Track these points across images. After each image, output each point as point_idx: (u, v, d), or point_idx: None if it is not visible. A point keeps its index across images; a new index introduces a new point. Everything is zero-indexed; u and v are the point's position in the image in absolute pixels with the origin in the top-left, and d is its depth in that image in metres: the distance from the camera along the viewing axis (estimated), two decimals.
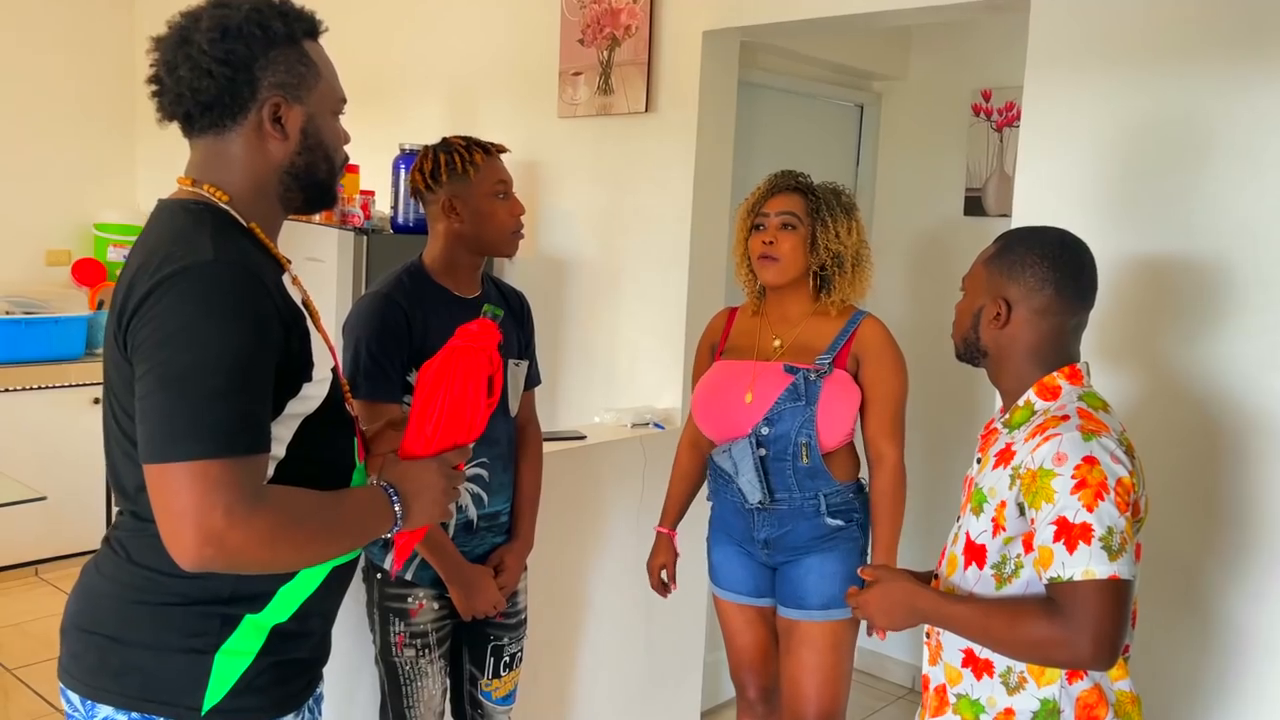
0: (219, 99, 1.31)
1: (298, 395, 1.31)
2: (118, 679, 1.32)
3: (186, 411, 1.17)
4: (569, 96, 3.22)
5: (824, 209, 2.27)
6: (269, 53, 1.32)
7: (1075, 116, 2.28)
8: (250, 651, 1.35)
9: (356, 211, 3.18)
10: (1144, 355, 2.23)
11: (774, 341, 2.32)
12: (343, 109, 1.45)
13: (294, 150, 1.37)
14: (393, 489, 1.37)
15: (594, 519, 2.81)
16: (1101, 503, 1.39)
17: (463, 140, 2.11)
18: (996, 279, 1.59)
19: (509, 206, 2.10)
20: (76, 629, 1.38)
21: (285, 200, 1.41)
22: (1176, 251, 2.17)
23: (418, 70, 3.76)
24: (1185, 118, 2.15)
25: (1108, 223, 2.24)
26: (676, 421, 3.03)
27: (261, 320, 1.24)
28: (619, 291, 3.21)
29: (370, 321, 2.02)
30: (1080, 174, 2.29)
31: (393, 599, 2.10)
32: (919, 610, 1.57)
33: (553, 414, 3.34)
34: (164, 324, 1.19)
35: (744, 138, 3.33)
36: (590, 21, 3.15)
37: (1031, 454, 1.47)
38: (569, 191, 3.32)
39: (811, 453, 2.22)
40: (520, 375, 2.23)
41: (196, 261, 1.22)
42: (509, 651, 2.26)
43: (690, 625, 3.18)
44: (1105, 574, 1.38)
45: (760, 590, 2.37)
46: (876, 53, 3.63)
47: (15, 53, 4.68)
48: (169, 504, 1.17)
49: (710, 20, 2.92)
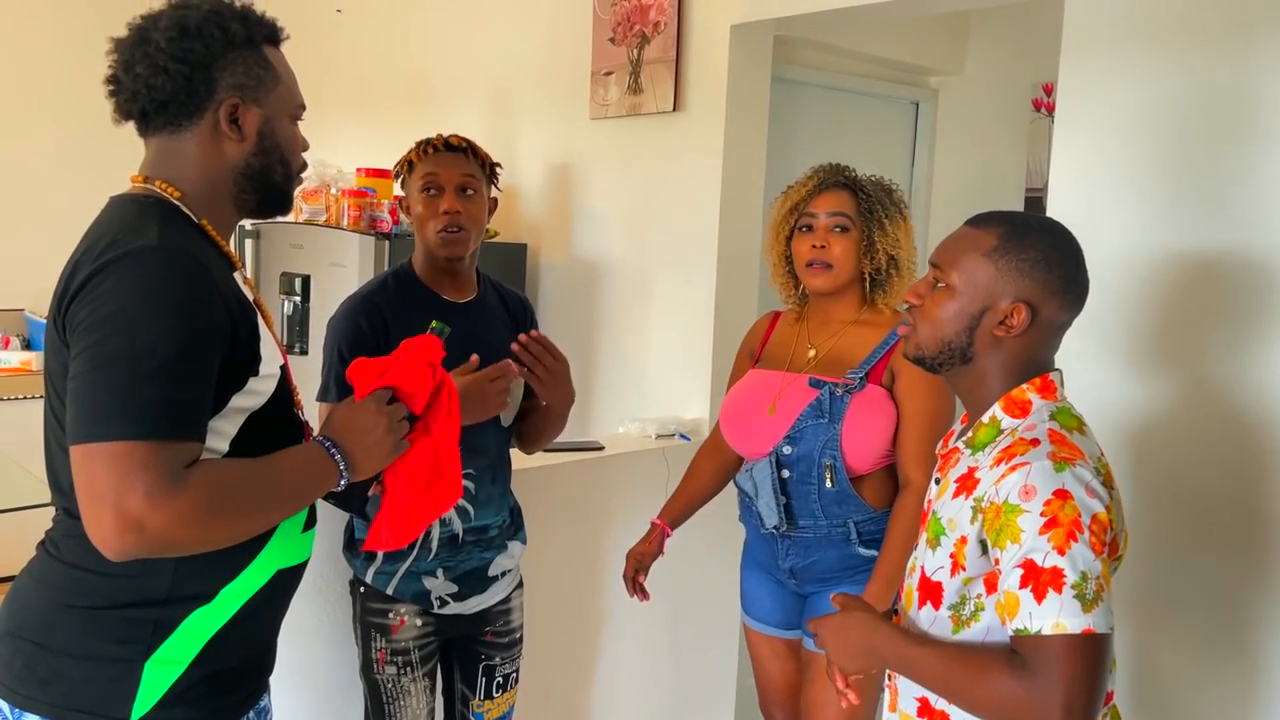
0: (175, 97, 1.31)
1: (243, 389, 1.29)
2: (44, 687, 1.29)
3: (114, 392, 1.15)
4: (600, 97, 3.13)
5: (878, 209, 2.06)
6: (227, 54, 1.33)
7: (1114, 105, 2.09)
8: (183, 660, 1.31)
9: (384, 217, 3.14)
10: (1185, 360, 2.02)
11: (809, 352, 2.15)
12: (301, 115, 1.44)
13: (250, 151, 1.36)
14: (329, 440, 1.35)
15: (612, 533, 2.70)
16: (1075, 544, 1.19)
17: (421, 140, 2.03)
18: (1011, 277, 1.34)
19: (435, 203, 1.97)
20: (5, 634, 1.34)
21: (239, 201, 1.40)
22: (1225, 246, 1.96)
23: (455, 75, 3.73)
24: (1238, 102, 1.93)
25: (1150, 217, 2.04)
26: (703, 433, 2.90)
27: (202, 307, 1.22)
28: (649, 297, 3.10)
29: (346, 325, 1.96)
30: (1120, 166, 2.09)
31: (374, 614, 2.02)
32: (875, 650, 1.37)
33: (584, 423, 3.25)
34: (100, 306, 1.18)
35: (785, 137, 3.19)
36: (620, 19, 3.05)
37: (995, 485, 1.27)
38: (600, 194, 3.23)
39: (838, 476, 2.03)
40: (515, 385, 2.12)
41: (138, 246, 1.21)
42: (501, 672, 2.17)
43: (722, 650, 3.04)
44: (1078, 628, 1.18)
45: (789, 622, 2.21)
46: (932, 46, 3.45)
47: (94, 66, 4.81)
48: (90, 486, 1.15)
49: (739, 14, 2.79)
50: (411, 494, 1.49)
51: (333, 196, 3.32)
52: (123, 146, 4.39)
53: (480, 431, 1.96)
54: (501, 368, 1.91)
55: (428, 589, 2.02)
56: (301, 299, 3.31)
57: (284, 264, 3.41)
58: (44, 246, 4.67)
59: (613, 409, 3.19)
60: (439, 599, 2.03)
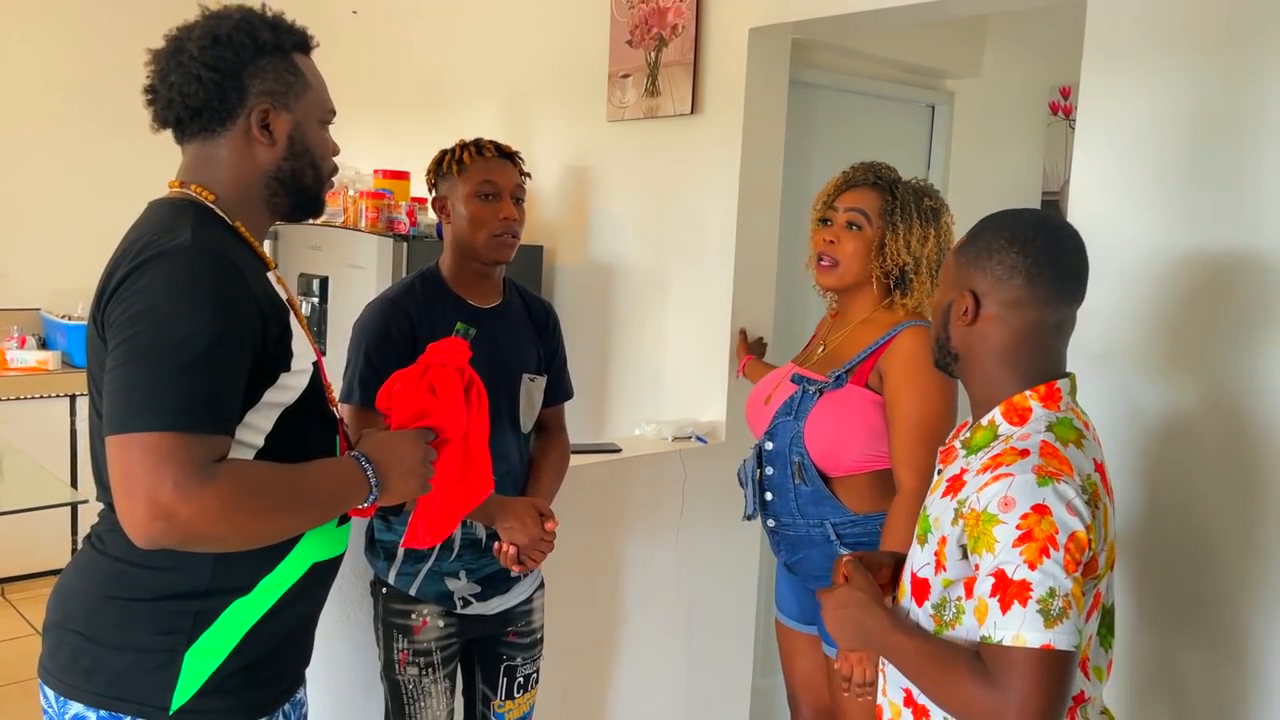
0: (208, 104, 1.36)
1: (275, 384, 1.33)
2: (88, 676, 1.33)
3: (148, 385, 1.19)
4: (617, 99, 3.13)
5: (899, 212, 2.04)
6: (258, 60, 1.38)
7: (1135, 108, 2.08)
8: (221, 651, 1.35)
9: (402, 218, 3.15)
10: (1202, 363, 2.01)
11: (819, 348, 2.16)
12: (331, 120, 1.49)
13: (280, 156, 1.41)
14: (365, 458, 1.37)
15: (630, 535, 2.71)
16: (1046, 560, 1.21)
17: (465, 142, 2.05)
18: (964, 269, 1.40)
19: (494, 209, 1.99)
20: (53, 625, 1.39)
21: (271, 205, 1.44)
22: (1244, 251, 1.95)
23: (471, 77, 3.73)
24: (1258, 107, 1.93)
25: (1169, 220, 2.03)
26: (721, 435, 2.90)
27: (234, 305, 1.26)
28: (666, 299, 3.10)
29: (374, 327, 1.97)
30: (1141, 169, 2.08)
31: (396, 614, 2.03)
32: (866, 630, 1.39)
33: (601, 425, 3.26)
34: (136, 303, 1.22)
35: (802, 140, 3.19)
36: (638, 22, 3.06)
37: (978, 492, 1.28)
38: (617, 196, 3.23)
39: (808, 474, 2.02)
40: (535, 390, 2.13)
41: (172, 246, 1.25)
42: (523, 672, 2.18)
43: (737, 648, 3.04)
44: (1037, 643, 1.20)
45: (810, 617, 2.21)
46: (948, 49, 3.44)
47: (114, 66, 4.78)
48: (123, 477, 1.18)
49: (758, 17, 2.79)
50: (444, 490, 1.51)
51: (350, 198, 3.33)
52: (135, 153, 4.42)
53: (500, 437, 1.98)
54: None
55: (450, 590, 2.03)
56: (320, 300, 3.33)
57: (302, 265, 3.42)
58: (58, 248, 4.76)
59: (629, 411, 3.19)
60: (462, 599, 2.04)
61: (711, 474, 2.81)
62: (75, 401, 4.39)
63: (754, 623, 3.09)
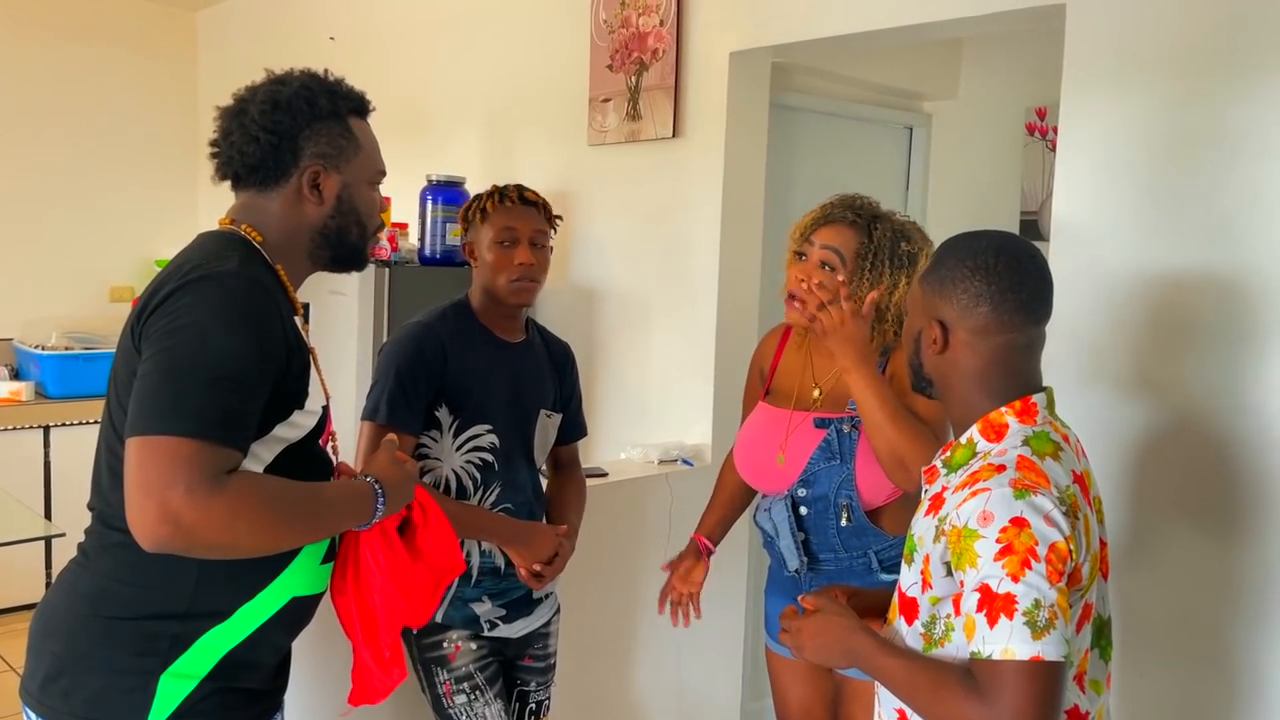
0: (264, 163, 1.46)
1: (287, 420, 1.39)
2: (65, 697, 1.36)
3: (176, 393, 1.25)
4: (598, 123, 3.14)
5: (872, 257, 1.98)
6: (313, 125, 1.47)
7: (1115, 128, 2.11)
8: (196, 675, 1.37)
9: (383, 244, 3.13)
10: (1184, 380, 2.03)
11: (814, 392, 2.11)
12: (381, 180, 1.59)
13: (328, 214, 1.50)
14: (378, 483, 1.45)
15: (617, 560, 2.69)
16: (1029, 572, 1.21)
17: (497, 188, 2.11)
18: (930, 298, 1.41)
19: (511, 255, 2.04)
20: (34, 644, 1.42)
21: (314, 256, 1.53)
22: (1225, 270, 1.97)
23: (452, 102, 3.73)
24: (1239, 127, 1.95)
25: (1150, 240, 2.06)
26: (707, 458, 2.89)
27: (266, 334, 1.34)
28: (649, 323, 3.10)
29: (407, 349, 2.01)
30: (1121, 189, 2.10)
31: (429, 648, 2.04)
32: (853, 652, 1.40)
33: (587, 450, 3.22)
34: (178, 317, 1.30)
35: (782, 163, 3.21)
36: (619, 46, 3.07)
37: (957, 509, 1.29)
38: (600, 220, 3.23)
39: (854, 513, 2.02)
40: (551, 427, 2.19)
41: (219, 271, 1.34)
42: (535, 698, 2.19)
43: (725, 673, 3.02)
44: (1027, 654, 1.20)
45: None
46: (925, 72, 3.48)
47: (85, 97, 4.82)
48: (138, 477, 1.22)
49: (738, 41, 2.81)
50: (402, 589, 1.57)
51: None
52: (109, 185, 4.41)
53: (516, 471, 2.07)
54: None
55: (477, 614, 2.05)
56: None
57: None
58: (30, 277, 4.69)
59: (615, 435, 3.18)
60: (488, 621, 2.06)
61: (698, 497, 2.77)
62: (49, 433, 4.33)
63: (741, 646, 3.07)
